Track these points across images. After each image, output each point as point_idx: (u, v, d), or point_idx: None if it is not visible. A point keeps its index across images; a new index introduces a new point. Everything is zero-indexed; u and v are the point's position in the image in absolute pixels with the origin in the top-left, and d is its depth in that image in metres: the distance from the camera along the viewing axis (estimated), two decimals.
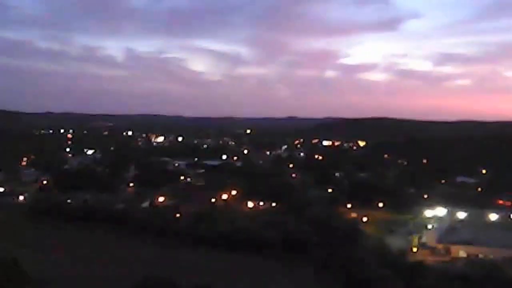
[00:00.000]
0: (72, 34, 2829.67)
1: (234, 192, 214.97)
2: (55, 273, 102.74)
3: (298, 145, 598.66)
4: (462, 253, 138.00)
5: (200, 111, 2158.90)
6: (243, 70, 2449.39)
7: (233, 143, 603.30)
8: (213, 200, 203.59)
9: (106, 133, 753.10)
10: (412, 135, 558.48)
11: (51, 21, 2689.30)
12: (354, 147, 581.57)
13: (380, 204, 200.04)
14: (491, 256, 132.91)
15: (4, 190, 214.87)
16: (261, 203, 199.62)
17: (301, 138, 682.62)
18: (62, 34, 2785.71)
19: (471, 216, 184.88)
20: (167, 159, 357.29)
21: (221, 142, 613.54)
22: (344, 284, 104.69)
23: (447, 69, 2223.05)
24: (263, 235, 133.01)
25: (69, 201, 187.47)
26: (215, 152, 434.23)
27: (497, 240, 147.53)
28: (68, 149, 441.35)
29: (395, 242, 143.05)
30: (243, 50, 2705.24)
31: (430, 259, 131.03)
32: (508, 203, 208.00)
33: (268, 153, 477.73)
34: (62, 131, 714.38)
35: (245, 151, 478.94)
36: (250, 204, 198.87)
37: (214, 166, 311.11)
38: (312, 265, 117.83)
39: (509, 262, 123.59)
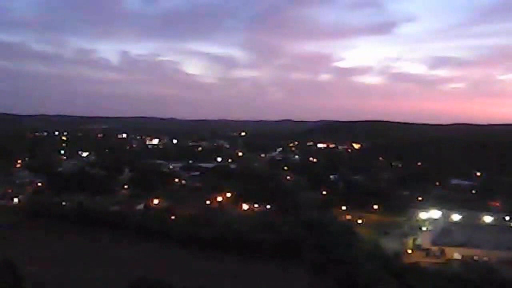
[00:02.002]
0: (66, 37, 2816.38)
1: (228, 195, 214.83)
2: (49, 274, 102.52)
3: (293, 148, 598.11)
4: (457, 255, 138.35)
5: (195, 114, 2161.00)
6: (237, 73, 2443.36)
7: (227, 145, 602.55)
8: (208, 202, 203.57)
9: (100, 135, 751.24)
10: (406, 138, 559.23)
11: (45, 23, 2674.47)
12: (349, 150, 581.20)
13: (375, 207, 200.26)
14: (486, 258, 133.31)
15: None
16: (256, 206, 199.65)
17: (296, 140, 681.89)
18: (56, 37, 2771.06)
19: (466, 218, 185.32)
20: (161, 161, 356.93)
21: (215, 144, 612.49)
22: (339, 286, 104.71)
23: (441, 72, 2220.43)
24: (257, 237, 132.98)
25: (63, 203, 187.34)
26: (210, 155, 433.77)
27: (491, 242, 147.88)
28: (62, 152, 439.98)
29: (390, 244, 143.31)
30: (237, 53, 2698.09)
31: (424, 261, 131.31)
32: (497, 204, 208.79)
33: (262, 155, 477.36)
34: (56, 133, 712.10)
35: (240, 154, 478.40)
36: (245, 207, 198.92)
37: (208, 169, 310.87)
38: (307, 267, 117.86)
39: (503, 263, 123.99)
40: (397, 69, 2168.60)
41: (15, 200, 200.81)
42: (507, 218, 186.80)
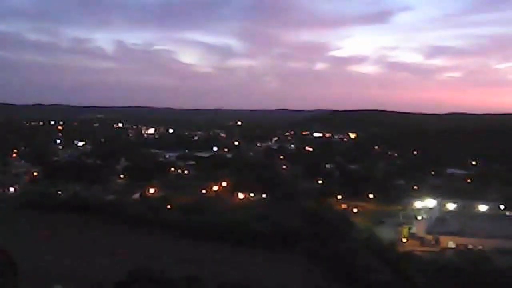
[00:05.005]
0: (62, 26, 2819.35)
1: (224, 184, 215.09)
2: (44, 263, 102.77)
3: (289, 137, 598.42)
4: (451, 244, 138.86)
5: (191, 103, 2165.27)
6: (233, 62, 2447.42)
7: (223, 135, 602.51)
8: (203, 191, 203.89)
9: (96, 125, 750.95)
10: (402, 127, 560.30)
11: (40, 13, 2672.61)
12: (345, 139, 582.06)
13: (370, 196, 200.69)
14: (480, 247, 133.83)
15: None
16: (252, 195, 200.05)
17: (292, 130, 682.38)
18: (52, 26, 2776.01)
19: (461, 207, 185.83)
20: (157, 151, 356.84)
21: (211, 134, 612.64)
22: (334, 275, 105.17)
23: (438, 61, 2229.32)
24: (253, 226, 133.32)
25: (59, 192, 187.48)
26: (206, 144, 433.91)
27: (486, 230, 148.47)
28: (58, 141, 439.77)
29: (385, 233, 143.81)
30: (233, 42, 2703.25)
31: (419, 249, 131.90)
32: (492, 193, 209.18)
33: (258, 145, 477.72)
34: (52, 123, 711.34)
35: (236, 143, 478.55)
36: (241, 196, 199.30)
37: (204, 158, 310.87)
38: (302, 256, 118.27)
39: (497, 252, 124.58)
40: (393, 58, 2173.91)
41: (11, 189, 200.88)
42: (502, 207, 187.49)
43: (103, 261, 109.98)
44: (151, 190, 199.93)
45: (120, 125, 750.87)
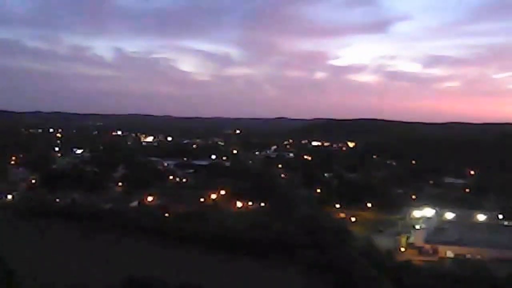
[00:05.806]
0: (61, 34, 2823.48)
1: (223, 192, 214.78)
2: (40, 271, 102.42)
3: (288, 146, 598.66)
4: (450, 253, 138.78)
5: (189, 111, 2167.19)
6: (232, 71, 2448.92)
7: (222, 143, 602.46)
8: (202, 200, 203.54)
9: (95, 132, 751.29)
10: (400, 137, 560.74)
11: (39, 20, 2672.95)
12: (343, 148, 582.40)
13: (369, 205, 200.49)
14: (478, 256, 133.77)
15: None
16: (250, 203, 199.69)
17: (290, 138, 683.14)
18: (51, 34, 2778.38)
19: (459, 217, 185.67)
20: (156, 159, 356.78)
21: (210, 142, 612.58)
22: (332, 285, 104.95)
23: (436, 71, 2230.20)
24: (251, 235, 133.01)
25: (57, 200, 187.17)
26: (204, 152, 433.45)
27: (484, 240, 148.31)
28: (57, 149, 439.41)
29: (383, 242, 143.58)
30: (232, 51, 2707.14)
31: (417, 259, 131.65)
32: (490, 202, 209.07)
33: (257, 153, 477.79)
34: (51, 130, 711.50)
35: (234, 151, 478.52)
36: (239, 204, 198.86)
37: (203, 166, 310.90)
38: (300, 265, 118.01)
39: (496, 262, 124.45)
40: (392, 68, 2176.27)
41: (9, 196, 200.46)
42: (500, 216, 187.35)
43: (101, 268, 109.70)
44: (150, 198, 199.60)
45: (119, 132, 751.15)
